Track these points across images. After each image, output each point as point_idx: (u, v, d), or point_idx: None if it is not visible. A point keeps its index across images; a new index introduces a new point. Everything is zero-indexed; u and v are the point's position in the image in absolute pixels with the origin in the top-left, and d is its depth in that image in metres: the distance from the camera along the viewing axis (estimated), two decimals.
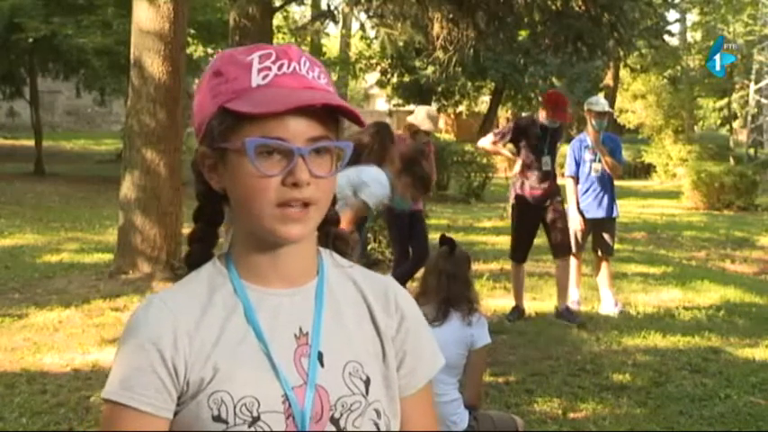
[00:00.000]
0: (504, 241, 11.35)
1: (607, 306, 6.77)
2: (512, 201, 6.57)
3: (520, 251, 6.58)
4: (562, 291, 6.51)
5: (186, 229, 9.12)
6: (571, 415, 4.33)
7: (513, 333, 5.97)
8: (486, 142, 6.76)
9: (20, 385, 4.59)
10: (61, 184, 16.43)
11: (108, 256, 8.20)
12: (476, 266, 7.18)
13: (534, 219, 6.48)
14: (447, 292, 3.46)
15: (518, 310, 6.50)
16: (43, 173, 17.68)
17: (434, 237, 9.75)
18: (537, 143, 6.38)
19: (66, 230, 10.91)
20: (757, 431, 4.22)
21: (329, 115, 1.10)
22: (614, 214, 6.83)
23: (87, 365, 4.98)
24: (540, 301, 7.24)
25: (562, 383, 4.83)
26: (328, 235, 1.24)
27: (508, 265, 9.07)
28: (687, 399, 4.61)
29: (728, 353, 5.62)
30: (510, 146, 6.67)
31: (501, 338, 5.68)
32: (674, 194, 18.71)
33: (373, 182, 4.55)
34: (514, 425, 3.58)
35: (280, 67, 1.09)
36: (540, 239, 6.87)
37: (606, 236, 6.80)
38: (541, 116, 6.43)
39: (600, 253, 6.86)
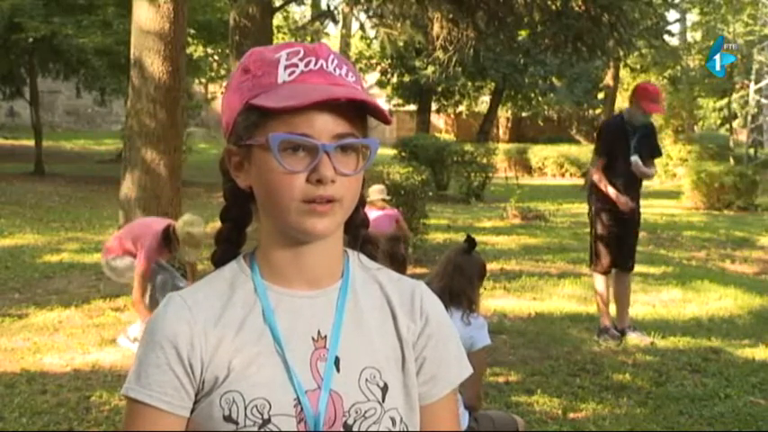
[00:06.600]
0: (504, 241, 11.39)
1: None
2: None
3: None
4: None
5: None
6: (571, 415, 4.32)
7: (513, 333, 5.97)
8: (596, 176, 5.84)
9: (20, 385, 4.59)
10: (61, 184, 16.41)
11: None
12: None
13: None
14: (449, 280, 3.45)
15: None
16: (43, 173, 17.66)
17: (434, 236, 9.80)
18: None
19: (66, 230, 10.91)
20: (757, 431, 4.22)
21: (356, 113, 1.09)
22: None
23: (87, 365, 4.99)
24: (540, 301, 7.25)
25: (562, 383, 4.83)
26: (357, 238, 1.21)
27: (508, 266, 9.11)
28: (687, 399, 4.61)
29: (728, 353, 5.62)
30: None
31: (501, 338, 5.68)
32: (674, 194, 18.69)
33: None
34: (514, 425, 3.57)
35: (307, 64, 1.09)
36: (540, 239, 6.85)
37: None
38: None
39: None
